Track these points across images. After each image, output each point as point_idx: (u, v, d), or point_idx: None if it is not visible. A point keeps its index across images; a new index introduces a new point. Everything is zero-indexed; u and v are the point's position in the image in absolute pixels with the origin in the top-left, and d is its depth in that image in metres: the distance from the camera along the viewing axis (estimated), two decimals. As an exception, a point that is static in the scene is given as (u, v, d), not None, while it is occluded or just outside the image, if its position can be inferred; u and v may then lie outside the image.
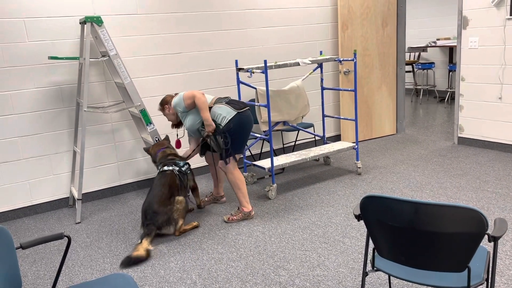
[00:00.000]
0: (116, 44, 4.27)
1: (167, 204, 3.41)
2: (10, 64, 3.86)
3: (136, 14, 4.34)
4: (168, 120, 3.84)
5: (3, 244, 1.80)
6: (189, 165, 3.77)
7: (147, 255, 3.14)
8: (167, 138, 3.98)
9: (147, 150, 3.88)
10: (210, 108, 3.57)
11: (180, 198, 3.48)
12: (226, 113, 3.51)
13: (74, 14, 4.06)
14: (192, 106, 3.57)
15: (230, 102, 3.58)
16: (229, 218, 3.67)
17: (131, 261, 3.07)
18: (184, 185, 3.61)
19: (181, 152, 4.65)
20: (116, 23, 4.25)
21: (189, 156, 3.83)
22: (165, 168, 3.60)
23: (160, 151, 3.79)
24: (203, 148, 3.89)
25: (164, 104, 3.75)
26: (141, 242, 3.22)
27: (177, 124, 3.88)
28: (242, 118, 3.53)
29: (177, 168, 3.62)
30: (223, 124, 3.49)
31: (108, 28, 4.22)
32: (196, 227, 3.60)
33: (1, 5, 3.76)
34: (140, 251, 3.13)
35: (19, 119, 3.97)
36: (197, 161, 4.97)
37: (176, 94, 3.72)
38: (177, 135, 4.08)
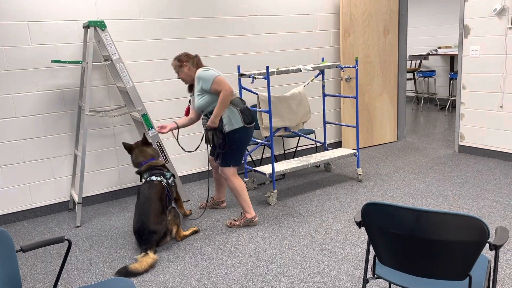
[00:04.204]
0: (118, 49, 4.29)
1: (161, 220, 3.28)
2: (13, 67, 3.87)
3: (139, 19, 4.36)
4: (179, 77, 3.57)
5: (4, 247, 1.80)
6: (174, 177, 3.70)
7: (143, 271, 3.02)
8: (156, 149, 3.81)
9: (128, 147, 3.67)
10: None
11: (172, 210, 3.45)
12: (235, 122, 3.44)
13: (78, 18, 4.08)
14: (215, 92, 3.39)
15: (243, 111, 3.49)
16: (231, 223, 3.66)
17: (127, 273, 2.98)
18: (171, 197, 3.52)
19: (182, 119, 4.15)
20: (119, 27, 4.27)
21: (184, 126, 3.69)
22: (153, 178, 3.45)
23: (146, 163, 3.60)
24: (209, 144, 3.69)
25: (184, 61, 3.50)
26: (147, 253, 3.12)
27: (191, 86, 3.64)
28: (247, 132, 3.51)
29: (165, 180, 3.50)
30: (226, 129, 3.46)
31: (111, 33, 4.24)
32: (196, 232, 3.60)
33: (5, 9, 3.78)
34: (142, 265, 3.03)
35: (21, 122, 3.98)
36: (200, 166, 4.97)
37: (198, 58, 3.54)
38: (189, 101, 3.76)
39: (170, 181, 3.57)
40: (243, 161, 4.46)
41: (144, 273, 3.02)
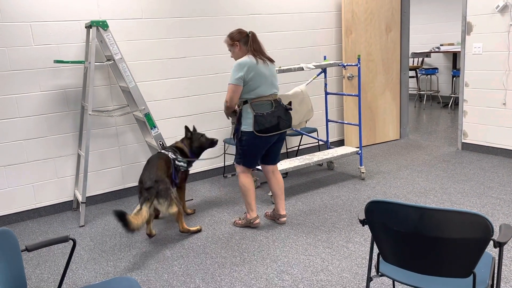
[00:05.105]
0: (121, 48, 4.29)
1: (165, 177, 3.42)
2: (16, 68, 3.88)
3: (141, 19, 4.36)
4: (232, 57, 3.45)
5: (9, 247, 1.80)
6: (186, 165, 3.76)
7: (135, 229, 3.02)
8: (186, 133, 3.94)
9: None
10: (253, 99, 3.32)
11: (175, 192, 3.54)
12: (245, 123, 3.33)
13: (80, 19, 4.09)
14: None
15: (258, 117, 3.29)
16: (235, 222, 3.67)
17: (121, 218, 2.95)
18: (174, 175, 3.63)
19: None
20: (121, 27, 4.28)
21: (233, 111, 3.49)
22: (164, 151, 3.69)
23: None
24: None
25: (236, 40, 3.35)
26: (140, 208, 3.17)
27: None
28: (256, 139, 3.33)
29: (174, 157, 3.66)
30: (241, 127, 3.38)
31: (114, 32, 4.24)
32: (199, 231, 3.61)
33: (7, 9, 3.79)
34: (137, 221, 3.04)
35: (24, 122, 3.99)
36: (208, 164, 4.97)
37: (252, 37, 3.34)
38: None
39: (178, 163, 3.67)
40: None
41: (135, 230, 3.03)
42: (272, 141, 3.44)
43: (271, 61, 3.41)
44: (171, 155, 3.66)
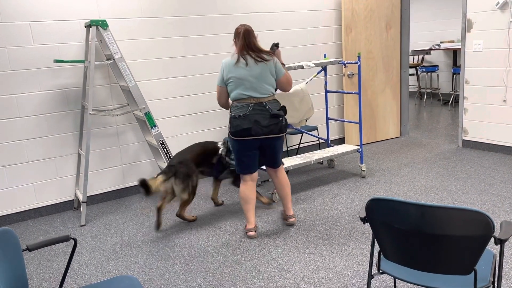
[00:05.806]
0: (121, 48, 4.29)
1: (193, 164, 3.55)
2: (16, 67, 3.88)
3: (141, 18, 4.36)
4: None
5: (10, 246, 1.81)
6: (230, 167, 3.76)
7: (152, 192, 3.37)
8: None
9: None
10: (233, 100, 3.27)
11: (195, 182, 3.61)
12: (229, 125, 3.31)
13: (80, 18, 4.09)
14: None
15: (233, 120, 3.21)
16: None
17: (143, 184, 3.34)
18: (220, 167, 3.71)
19: None
20: (121, 26, 4.27)
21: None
22: (218, 142, 3.79)
23: None
24: None
25: (234, 37, 3.27)
26: (156, 177, 3.42)
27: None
28: (233, 142, 3.27)
29: (225, 152, 3.70)
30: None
31: (113, 32, 4.24)
32: (194, 220, 3.78)
33: (7, 9, 3.78)
34: (154, 183, 3.37)
35: (24, 122, 3.99)
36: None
37: (244, 32, 3.19)
38: None
39: (229, 161, 3.72)
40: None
41: (154, 193, 3.43)
42: (254, 146, 3.24)
43: (262, 60, 3.17)
44: (222, 149, 3.71)
